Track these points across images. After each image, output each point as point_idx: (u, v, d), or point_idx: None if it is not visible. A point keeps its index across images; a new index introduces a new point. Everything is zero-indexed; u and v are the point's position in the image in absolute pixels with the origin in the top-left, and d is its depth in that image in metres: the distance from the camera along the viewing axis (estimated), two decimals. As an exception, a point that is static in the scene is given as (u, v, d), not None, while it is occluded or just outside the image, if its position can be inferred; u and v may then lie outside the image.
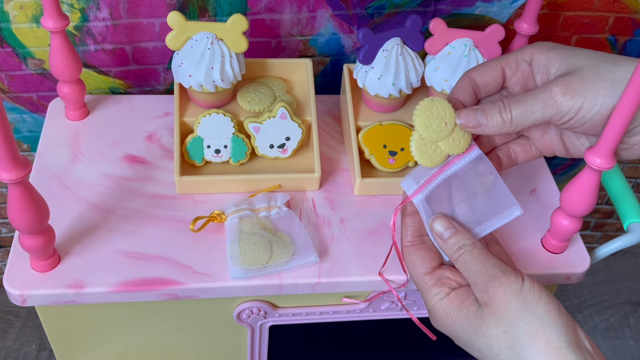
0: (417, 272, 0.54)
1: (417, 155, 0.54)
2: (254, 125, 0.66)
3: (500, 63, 0.54)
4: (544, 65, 0.53)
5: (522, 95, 0.52)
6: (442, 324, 0.52)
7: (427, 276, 0.53)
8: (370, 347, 0.78)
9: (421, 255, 0.54)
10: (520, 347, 0.47)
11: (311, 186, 0.68)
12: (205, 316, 0.67)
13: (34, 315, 1.08)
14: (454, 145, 0.54)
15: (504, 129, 0.52)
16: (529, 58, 0.53)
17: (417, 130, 0.53)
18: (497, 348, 0.48)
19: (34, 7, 0.71)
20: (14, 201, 0.51)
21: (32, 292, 0.58)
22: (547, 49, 0.53)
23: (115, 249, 0.61)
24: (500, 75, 0.55)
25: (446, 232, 0.53)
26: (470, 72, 0.55)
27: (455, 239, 0.52)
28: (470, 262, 0.51)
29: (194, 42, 0.65)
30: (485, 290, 0.49)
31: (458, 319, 0.51)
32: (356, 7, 0.77)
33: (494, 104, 0.52)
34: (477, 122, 0.52)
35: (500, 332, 0.48)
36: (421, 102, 0.53)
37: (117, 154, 0.69)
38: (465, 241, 0.52)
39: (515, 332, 0.47)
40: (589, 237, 1.22)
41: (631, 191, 0.67)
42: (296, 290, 0.61)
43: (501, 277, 0.49)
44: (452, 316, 0.51)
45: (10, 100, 0.81)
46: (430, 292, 0.53)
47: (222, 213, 0.63)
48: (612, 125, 0.49)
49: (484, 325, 0.49)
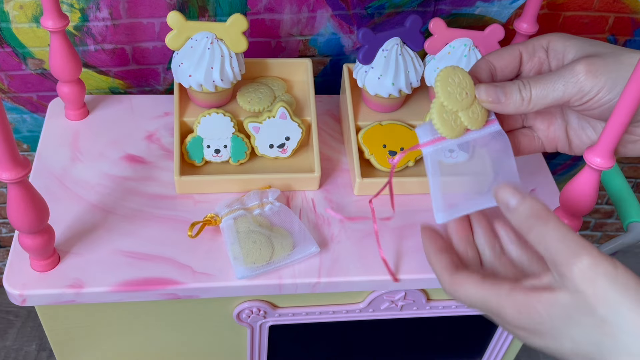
0: (478, 296, 0.47)
1: (439, 124, 0.51)
2: (253, 125, 0.66)
3: (519, 47, 0.54)
4: (560, 52, 0.53)
5: (542, 75, 0.51)
6: (520, 322, 0.45)
7: (484, 290, 0.47)
8: (370, 347, 0.78)
9: (466, 278, 0.48)
10: (624, 336, 0.41)
11: (311, 186, 0.68)
12: (205, 316, 0.67)
13: (34, 315, 1.08)
14: (473, 118, 0.52)
15: (521, 107, 0.51)
16: (546, 45, 0.54)
17: (438, 97, 0.51)
18: (597, 336, 0.42)
19: (34, 7, 0.71)
20: (14, 201, 0.51)
21: (32, 292, 0.58)
22: (564, 37, 0.53)
23: (115, 248, 0.61)
24: (518, 59, 0.54)
25: (513, 198, 0.46)
26: (488, 55, 0.55)
27: (525, 205, 0.45)
28: (547, 235, 0.43)
29: (194, 42, 0.65)
30: (572, 277, 0.42)
31: (532, 310, 0.44)
32: (356, 7, 0.77)
33: (513, 82, 0.52)
34: (496, 97, 0.51)
35: (598, 321, 0.42)
36: (443, 69, 0.51)
37: (117, 154, 0.69)
38: (539, 208, 0.45)
39: (617, 320, 0.41)
40: (589, 237, 1.22)
41: (631, 191, 0.67)
42: (296, 290, 0.61)
43: (589, 259, 0.42)
44: (524, 303, 0.44)
45: (10, 100, 0.81)
46: (498, 296, 0.46)
47: (216, 216, 0.63)
48: (611, 125, 0.49)
49: (575, 314, 0.43)
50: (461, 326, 0.75)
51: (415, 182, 0.67)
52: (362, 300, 0.67)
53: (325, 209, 0.65)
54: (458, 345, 0.79)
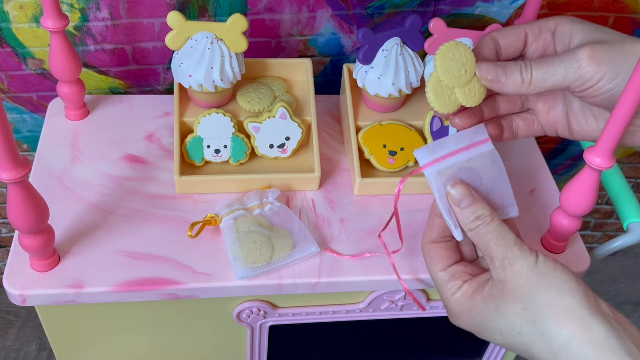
0: (434, 269, 0.53)
1: (432, 97, 0.51)
2: (253, 125, 0.66)
3: (525, 28, 0.54)
4: (567, 36, 0.52)
5: (544, 57, 0.51)
6: (459, 317, 0.51)
7: (442, 272, 0.53)
8: (370, 347, 0.78)
9: (439, 252, 0.53)
10: (540, 321, 0.46)
11: (311, 186, 0.68)
12: (205, 316, 0.67)
13: (34, 315, 1.08)
14: (469, 95, 0.52)
15: (521, 88, 0.51)
16: (553, 27, 0.53)
17: (436, 71, 0.51)
18: (518, 326, 0.47)
19: (33, 7, 0.71)
20: (14, 201, 0.51)
21: (32, 292, 0.58)
22: (572, 21, 0.52)
23: (115, 248, 0.61)
24: (523, 39, 0.54)
25: (464, 200, 0.51)
26: (493, 32, 0.54)
27: (473, 207, 0.50)
28: (487, 234, 0.49)
29: (194, 42, 0.65)
30: (502, 267, 0.48)
31: (474, 308, 0.50)
32: (356, 7, 0.77)
33: (515, 63, 0.51)
34: (496, 76, 0.51)
35: (518, 308, 0.47)
36: (445, 44, 0.51)
37: (117, 154, 0.69)
38: (484, 211, 0.50)
39: (534, 306, 0.46)
40: (589, 237, 1.22)
41: (631, 191, 0.67)
42: (296, 290, 0.61)
43: (517, 252, 0.48)
44: (467, 306, 0.50)
45: (10, 100, 0.81)
46: (445, 288, 0.52)
47: (216, 216, 0.63)
48: (611, 125, 0.49)
49: (502, 305, 0.48)
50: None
51: (415, 182, 0.67)
52: (362, 300, 0.67)
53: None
54: (458, 346, 0.79)
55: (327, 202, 0.67)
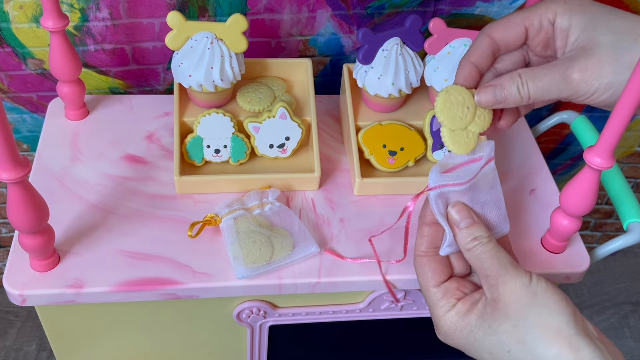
0: (426, 284, 0.54)
1: (453, 148, 0.54)
2: (253, 125, 0.66)
3: (524, 22, 0.54)
4: (564, 30, 0.52)
5: (540, 70, 0.51)
6: (450, 335, 0.52)
7: (435, 289, 0.53)
8: (370, 347, 0.78)
9: (432, 267, 0.54)
10: (530, 340, 0.47)
11: (311, 186, 0.68)
12: (205, 316, 0.67)
13: (34, 315, 1.08)
14: (481, 122, 0.54)
15: (522, 102, 0.52)
16: (552, 18, 0.53)
17: (444, 125, 0.53)
18: (508, 344, 0.48)
19: (33, 7, 0.71)
20: (14, 201, 0.51)
21: (31, 292, 0.58)
22: (570, 12, 0.52)
23: (115, 248, 0.61)
24: (524, 35, 0.54)
25: (463, 221, 0.53)
26: (491, 29, 0.54)
27: (471, 229, 0.52)
28: (483, 254, 0.51)
29: (194, 42, 0.65)
30: (496, 285, 0.49)
31: (467, 327, 0.51)
32: (356, 7, 0.77)
33: (511, 78, 0.52)
34: (495, 100, 0.53)
35: (509, 326, 0.48)
36: (438, 98, 0.53)
37: (117, 154, 0.69)
38: (482, 233, 0.52)
39: (525, 325, 0.47)
40: (588, 237, 1.22)
41: (631, 191, 0.67)
42: (296, 290, 0.61)
43: (512, 271, 0.49)
44: (460, 325, 0.51)
45: (10, 100, 0.81)
46: (437, 305, 0.53)
47: (216, 216, 0.63)
48: (611, 125, 0.49)
49: (493, 323, 0.49)
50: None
51: (416, 182, 0.67)
52: (362, 300, 0.67)
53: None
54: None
55: (327, 202, 0.67)
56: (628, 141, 1.02)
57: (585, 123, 0.74)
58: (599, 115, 0.95)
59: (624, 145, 1.03)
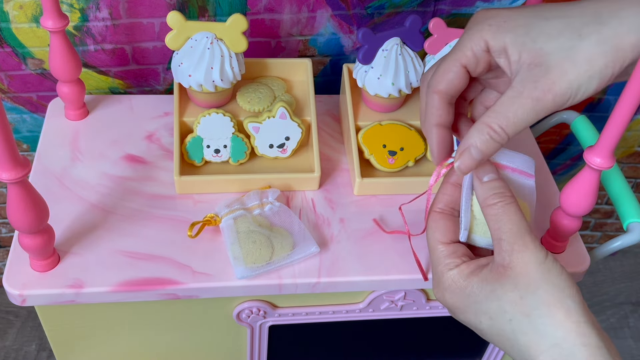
0: (435, 238, 0.52)
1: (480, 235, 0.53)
2: (253, 125, 0.66)
3: (461, 62, 0.50)
4: (502, 52, 0.48)
5: (507, 106, 0.47)
6: (447, 291, 0.50)
7: (443, 245, 0.52)
8: (370, 347, 0.78)
9: (445, 224, 0.53)
10: (537, 316, 0.46)
11: (311, 186, 0.68)
12: (205, 316, 0.67)
13: (33, 315, 1.08)
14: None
15: (504, 143, 0.49)
16: (484, 45, 0.49)
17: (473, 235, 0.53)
18: (511, 313, 0.47)
19: (33, 7, 0.71)
20: (14, 201, 0.51)
21: (31, 292, 0.58)
22: (498, 31, 0.48)
23: (115, 248, 0.61)
24: (466, 74, 0.50)
25: (487, 175, 0.51)
26: (434, 85, 0.51)
27: (494, 184, 0.50)
28: (503, 215, 0.49)
29: (194, 42, 0.65)
30: (509, 252, 0.47)
31: (467, 287, 0.49)
32: (356, 7, 0.77)
33: (479, 132, 0.48)
34: (475, 161, 0.49)
35: (516, 297, 0.46)
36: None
37: (117, 154, 0.69)
38: (505, 191, 0.50)
39: (533, 299, 0.46)
40: (589, 237, 1.22)
41: (631, 191, 0.67)
42: (296, 290, 0.61)
43: (530, 243, 0.47)
44: (460, 284, 0.49)
45: (10, 100, 0.81)
46: (441, 262, 0.51)
47: (215, 216, 0.63)
48: (611, 125, 0.49)
49: (499, 288, 0.47)
50: (461, 326, 0.74)
51: (416, 182, 0.67)
52: (362, 300, 0.67)
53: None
54: (458, 346, 0.79)
55: (327, 202, 0.67)
56: (628, 141, 1.02)
57: (585, 123, 0.74)
58: (599, 115, 0.95)
59: (624, 145, 1.03)
